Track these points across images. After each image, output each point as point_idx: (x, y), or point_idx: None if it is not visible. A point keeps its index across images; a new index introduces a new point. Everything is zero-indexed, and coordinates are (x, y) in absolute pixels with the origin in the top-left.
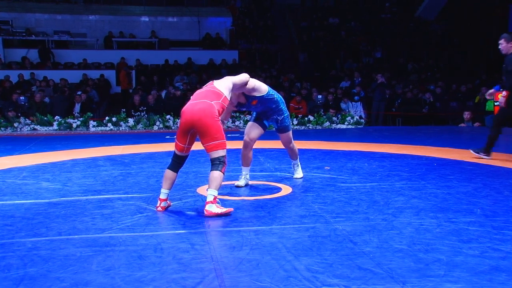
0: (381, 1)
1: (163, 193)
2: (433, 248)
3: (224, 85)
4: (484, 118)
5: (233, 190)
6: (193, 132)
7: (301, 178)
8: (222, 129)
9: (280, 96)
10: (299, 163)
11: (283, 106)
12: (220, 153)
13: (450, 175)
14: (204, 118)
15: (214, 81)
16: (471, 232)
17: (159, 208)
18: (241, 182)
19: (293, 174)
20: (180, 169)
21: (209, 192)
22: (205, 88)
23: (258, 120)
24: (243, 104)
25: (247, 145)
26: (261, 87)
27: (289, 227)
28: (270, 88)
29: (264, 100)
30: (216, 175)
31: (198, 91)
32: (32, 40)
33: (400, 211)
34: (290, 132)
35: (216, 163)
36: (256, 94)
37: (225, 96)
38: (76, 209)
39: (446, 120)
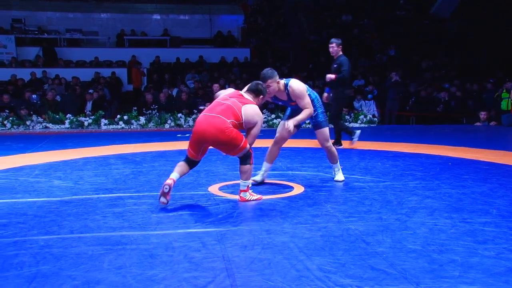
0: None
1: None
2: (448, 248)
3: (249, 114)
4: (501, 117)
5: None
6: (205, 146)
7: (342, 181)
8: (238, 132)
9: (315, 93)
10: (339, 167)
11: (317, 103)
12: (245, 151)
13: (465, 175)
14: (218, 135)
15: (244, 97)
16: (487, 232)
17: (166, 187)
18: (258, 177)
19: (333, 177)
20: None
21: (242, 183)
22: (229, 99)
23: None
24: (281, 100)
25: (277, 142)
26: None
27: (301, 227)
28: (307, 87)
29: None
30: (247, 168)
31: (219, 99)
32: (44, 38)
33: (414, 211)
34: (327, 129)
35: (244, 158)
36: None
37: (244, 122)
38: (87, 208)
39: (460, 118)
